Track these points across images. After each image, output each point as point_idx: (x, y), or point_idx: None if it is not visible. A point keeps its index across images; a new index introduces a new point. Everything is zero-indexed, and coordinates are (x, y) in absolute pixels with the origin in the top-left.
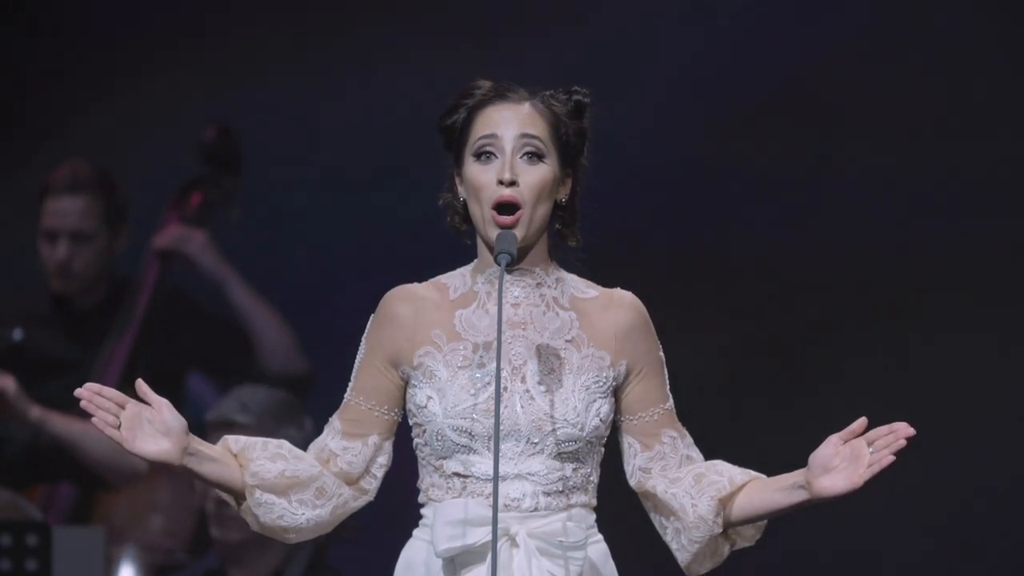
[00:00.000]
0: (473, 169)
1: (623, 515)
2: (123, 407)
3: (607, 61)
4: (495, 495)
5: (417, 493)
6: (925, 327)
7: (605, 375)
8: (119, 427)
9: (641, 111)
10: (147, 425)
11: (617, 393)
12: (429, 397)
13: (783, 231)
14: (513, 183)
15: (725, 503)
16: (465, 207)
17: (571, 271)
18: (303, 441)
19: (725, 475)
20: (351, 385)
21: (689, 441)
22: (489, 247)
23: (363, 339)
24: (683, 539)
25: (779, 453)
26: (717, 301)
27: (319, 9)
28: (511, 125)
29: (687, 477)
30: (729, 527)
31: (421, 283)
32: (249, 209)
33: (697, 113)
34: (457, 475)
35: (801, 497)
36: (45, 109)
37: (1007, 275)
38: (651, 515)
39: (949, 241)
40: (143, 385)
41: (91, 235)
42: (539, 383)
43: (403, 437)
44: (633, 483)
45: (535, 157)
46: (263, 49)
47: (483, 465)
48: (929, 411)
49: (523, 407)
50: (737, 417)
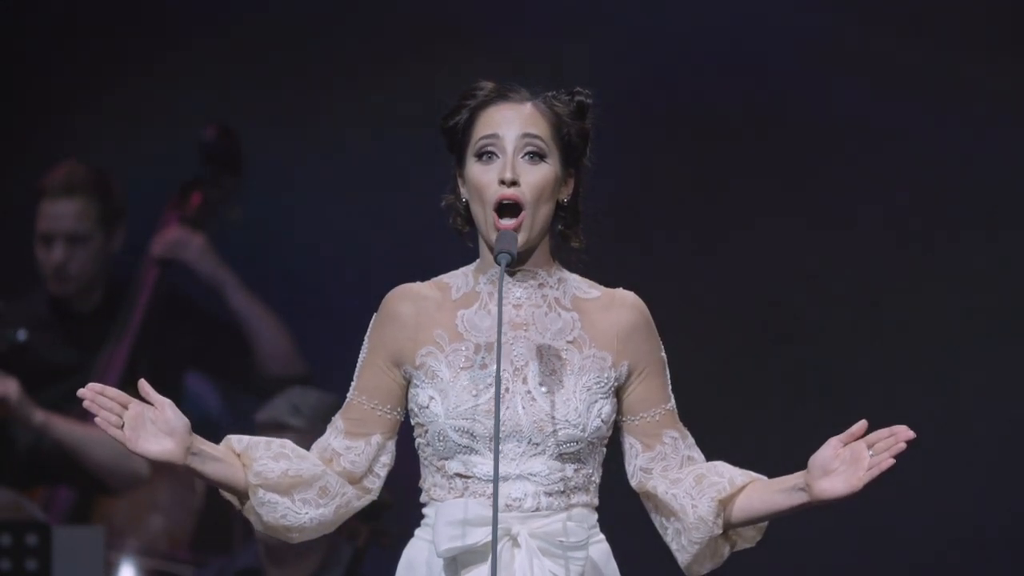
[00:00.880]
0: (475, 169)
1: (624, 515)
2: (126, 407)
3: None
4: (495, 495)
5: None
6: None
7: (607, 376)
8: (122, 427)
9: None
10: (150, 425)
11: (619, 393)
12: (431, 397)
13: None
14: (515, 183)
15: (725, 504)
16: (467, 208)
17: (573, 271)
18: None
19: (726, 476)
20: (353, 384)
21: (691, 442)
22: (491, 248)
23: (365, 338)
24: (683, 540)
25: (773, 454)
26: (711, 299)
27: (319, 9)
28: (513, 125)
29: (688, 478)
30: (729, 528)
31: (423, 282)
32: (249, 209)
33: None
34: (459, 475)
35: (801, 499)
36: (45, 109)
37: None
38: (652, 515)
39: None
40: (146, 385)
41: (87, 237)
42: (540, 384)
43: (411, 439)
44: (634, 483)
45: (537, 157)
46: (263, 49)
47: (485, 466)
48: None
49: (524, 408)
50: (730, 418)
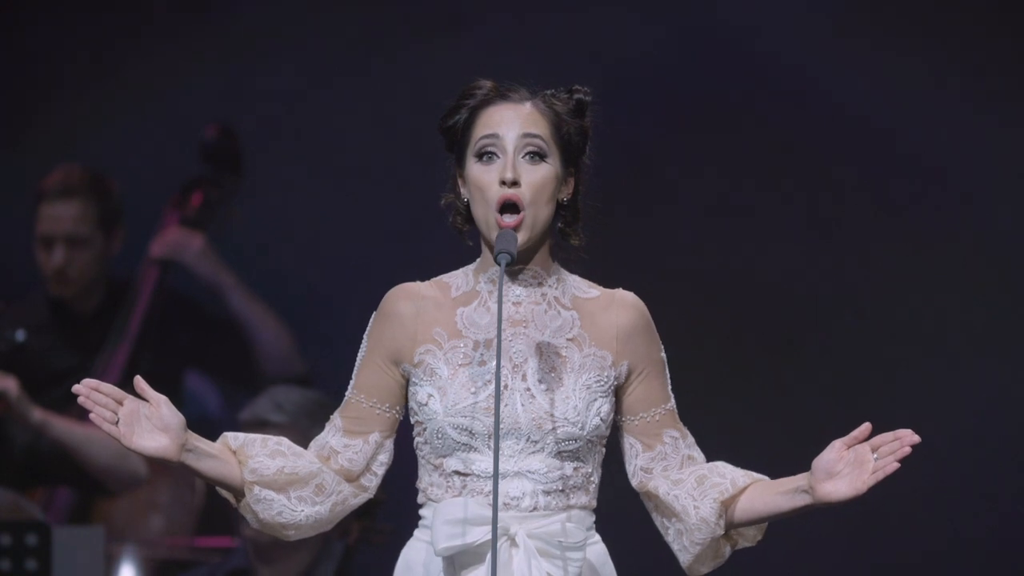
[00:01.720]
0: (475, 169)
1: (623, 516)
2: (121, 403)
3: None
4: (495, 494)
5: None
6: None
7: (606, 375)
8: (117, 423)
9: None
10: (145, 421)
11: (618, 393)
12: (430, 395)
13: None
14: (515, 183)
15: (727, 505)
16: (467, 208)
17: (572, 271)
18: None
19: (728, 477)
20: (352, 383)
21: (691, 441)
22: (491, 247)
23: (365, 336)
24: (685, 540)
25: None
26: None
27: (319, 9)
28: (513, 125)
29: (689, 479)
30: (731, 528)
31: (423, 282)
32: (249, 209)
33: (673, 113)
34: (457, 473)
35: (804, 501)
36: (45, 109)
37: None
38: (653, 515)
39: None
40: (141, 381)
41: (86, 239)
42: (540, 381)
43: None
44: (635, 483)
45: (537, 157)
46: (264, 49)
47: (483, 463)
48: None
49: (523, 405)
50: (732, 417)
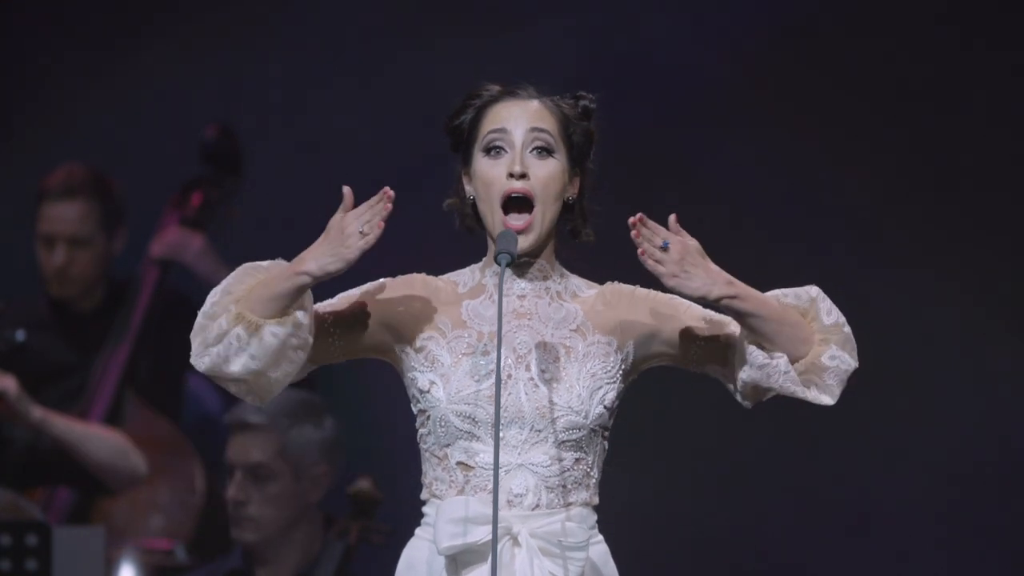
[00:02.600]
0: (483, 164)
1: (625, 515)
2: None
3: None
4: (495, 488)
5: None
6: None
7: (612, 360)
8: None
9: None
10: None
11: (653, 361)
12: (432, 382)
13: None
14: (524, 175)
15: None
16: (474, 207)
17: (573, 271)
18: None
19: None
20: (330, 301)
21: (719, 320)
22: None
23: (374, 282)
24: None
25: None
26: None
27: (319, 9)
28: (521, 120)
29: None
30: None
31: (437, 277)
32: (249, 209)
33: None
34: (460, 464)
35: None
36: (45, 109)
37: None
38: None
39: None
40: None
41: (88, 240)
42: (543, 371)
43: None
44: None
45: (545, 152)
46: (264, 49)
47: (486, 455)
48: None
49: (527, 394)
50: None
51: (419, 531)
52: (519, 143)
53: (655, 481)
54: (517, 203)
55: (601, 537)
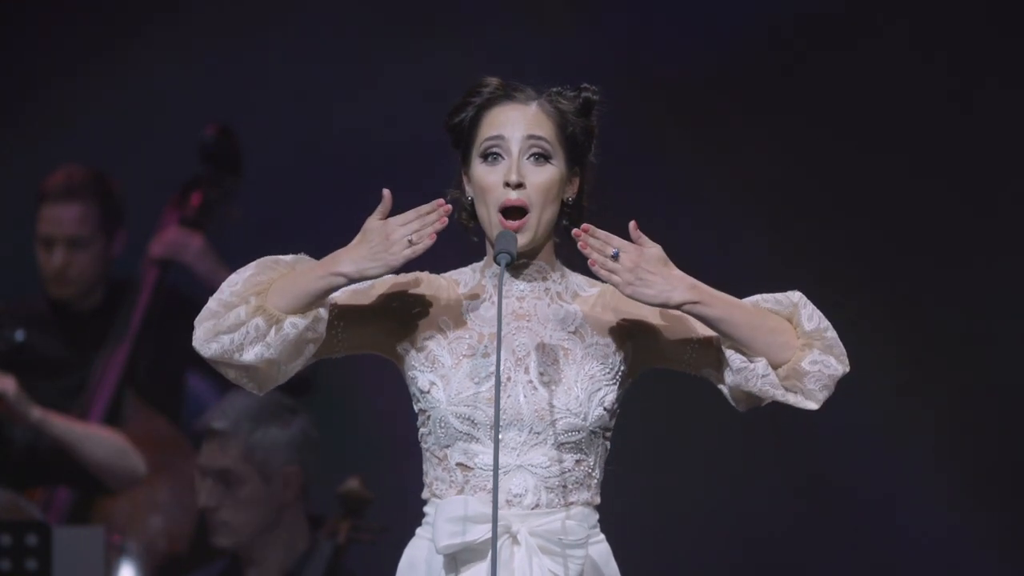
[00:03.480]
0: (480, 170)
1: (626, 515)
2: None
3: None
4: (495, 487)
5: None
6: None
7: (611, 361)
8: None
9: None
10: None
11: (648, 363)
12: (432, 383)
13: None
14: (520, 185)
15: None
16: (472, 205)
17: (574, 269)
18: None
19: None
20: (335, 294)
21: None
22: (494, 245)
23: (380, 278)
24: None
25: None
26: None
27: (319, 8)
28: (518, 126)
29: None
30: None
31: (439, 275)
32: (249, 209)
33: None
34: (460, 465)
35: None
36: (45, 108)
37: None
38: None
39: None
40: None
41: (87, 241)
42: (542, 374)
43: (414, 437)
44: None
45: (542, 158)
46: (264, 48)
47: (485, 456)
48: None
49: (526, 397)
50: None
51: (419, 530)
52: (516, 151)
53: (655, 481)
54: (514, 212)
55: (603, 536)
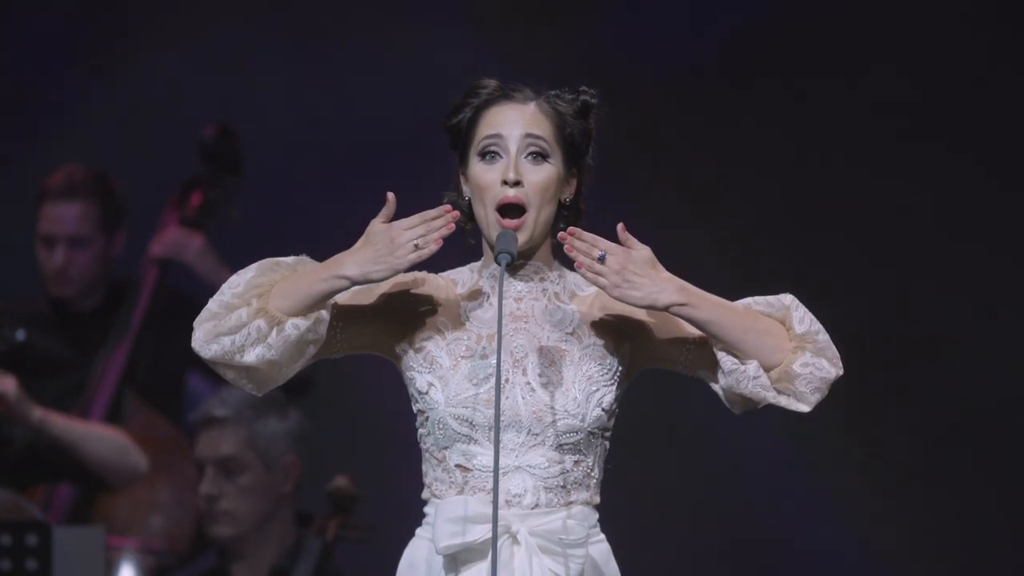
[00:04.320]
0: (478, 169)
1: (627, 514)
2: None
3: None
4: (495, 488)
5: (421, 489)
6: None
7: (609, 362)
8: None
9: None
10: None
11: (645, 362)
12: (431, 384)
13: None
14: (518, 183)
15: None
16: (470, 206)
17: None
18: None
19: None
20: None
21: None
22: (492, 246)
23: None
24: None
25: None
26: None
27: (319, 8)
28: (516, 125)
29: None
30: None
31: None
32: (249, 209)
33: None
34: (459, 467)
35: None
36: (45, 109)
37: None
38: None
39: None
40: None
41: (88, 240)
42: (540, 375)
43: (407, 436)
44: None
45: (540, 157)
46: (264, 48)
47: (484, 457)
48: None
49: (524, 398)
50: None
51: (420, 531)
52: (514, 149)
53: (656, 481)
54: (511, 210)
55: (603, 536)
